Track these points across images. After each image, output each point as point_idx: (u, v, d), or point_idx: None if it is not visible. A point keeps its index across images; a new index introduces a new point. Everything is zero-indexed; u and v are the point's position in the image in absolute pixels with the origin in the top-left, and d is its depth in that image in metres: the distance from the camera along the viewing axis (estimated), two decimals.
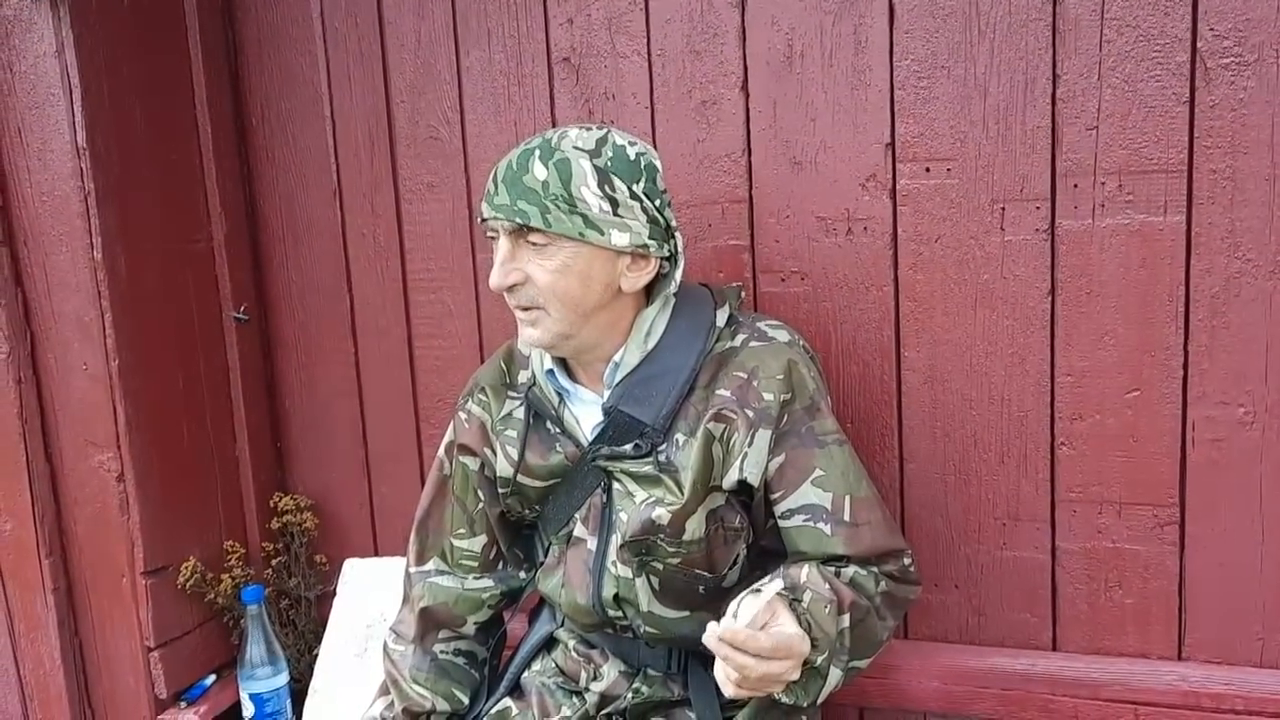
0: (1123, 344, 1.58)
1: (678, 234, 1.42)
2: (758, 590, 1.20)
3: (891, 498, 1.73)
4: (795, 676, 1.19)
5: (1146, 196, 1.53)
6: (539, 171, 1.30)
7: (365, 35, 1.97)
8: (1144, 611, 1.64)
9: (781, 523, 1.40)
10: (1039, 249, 1.60)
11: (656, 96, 1.78)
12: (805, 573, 1.30)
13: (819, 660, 1.22)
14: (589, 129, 1.37)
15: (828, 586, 1.29)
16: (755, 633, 1.14)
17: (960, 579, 1.73)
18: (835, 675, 1.27)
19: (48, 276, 1.86)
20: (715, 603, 1.37)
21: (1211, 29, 1.46)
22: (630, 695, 1.47)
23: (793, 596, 1.23)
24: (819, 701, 1.29)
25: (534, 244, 1.33)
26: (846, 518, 1.37)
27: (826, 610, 1.25)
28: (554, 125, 1.85)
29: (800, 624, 1.20)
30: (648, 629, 1.42)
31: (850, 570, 1.35)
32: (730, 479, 1.38)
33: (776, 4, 1.67)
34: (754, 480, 1.37)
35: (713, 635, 1.12)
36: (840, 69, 1.66)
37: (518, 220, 1.31)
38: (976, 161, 1.61)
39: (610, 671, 1.49)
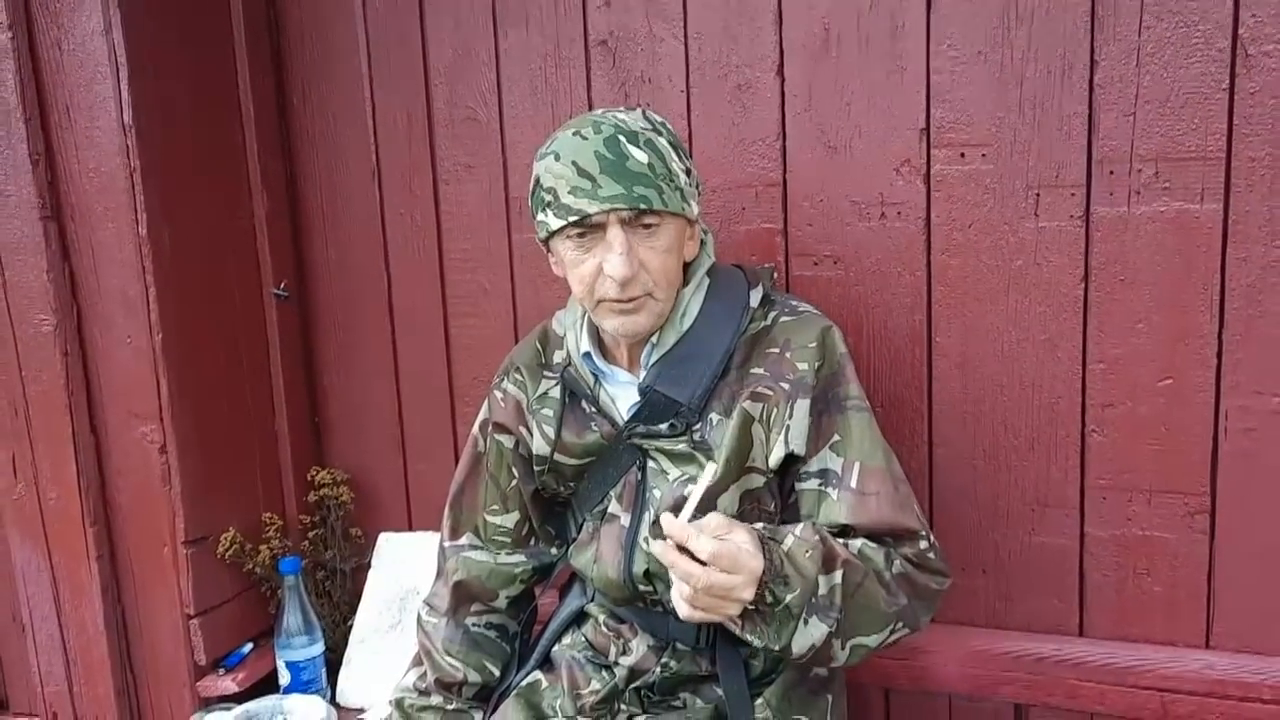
0: (1156, 332, 1.57)
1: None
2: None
3: (921, 482, 1.74)
4: (747, 596, 1.15)
5: (1183, 184, 1.52)
6: (639, 155, 1.31)
7: (405, 17, 1.99)
8: (1172, 599, 1.64)
9: (798, 486, 1.40)
10: (1073, 235, 1.59)
11: (692, 80, 1.79)
12: (799, 527, 1.28)
13: (789, 598, 1.19)
14: (626, 110, 1.39)
15: (817, 538, 1.25)
16: (697, 533, 1.14)
17: (988, 564, 1.74)
18: (818, 629, 1.23)
19: (94, 251, 1.90)
20: None
21: (1254, 15, 1.45)
22: (659, 669, 1.49)
23: (770, 536, 1.23)
24: (799, 654, 1.23)
25: (646, 226, 1.33)
26: (854, 484, 1.35)
27: (807, 554, 1.22)
28: (590, 108, 1.87)
29: (766, 554, 1.18)
30: None
31: (858, 543, 1.32)
32: (776, 456, 1.38)
33: None
34: (800, 450, 1.37)
35: (659, 546, 1.14)
36: (876, 54, 1.66)
37: (641, 205, 1.30)
38: (1012, 147, 1.60)
39: (639, 646, 1.51)
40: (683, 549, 1.15)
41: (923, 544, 1.36)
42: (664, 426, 1.40)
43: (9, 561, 2.10)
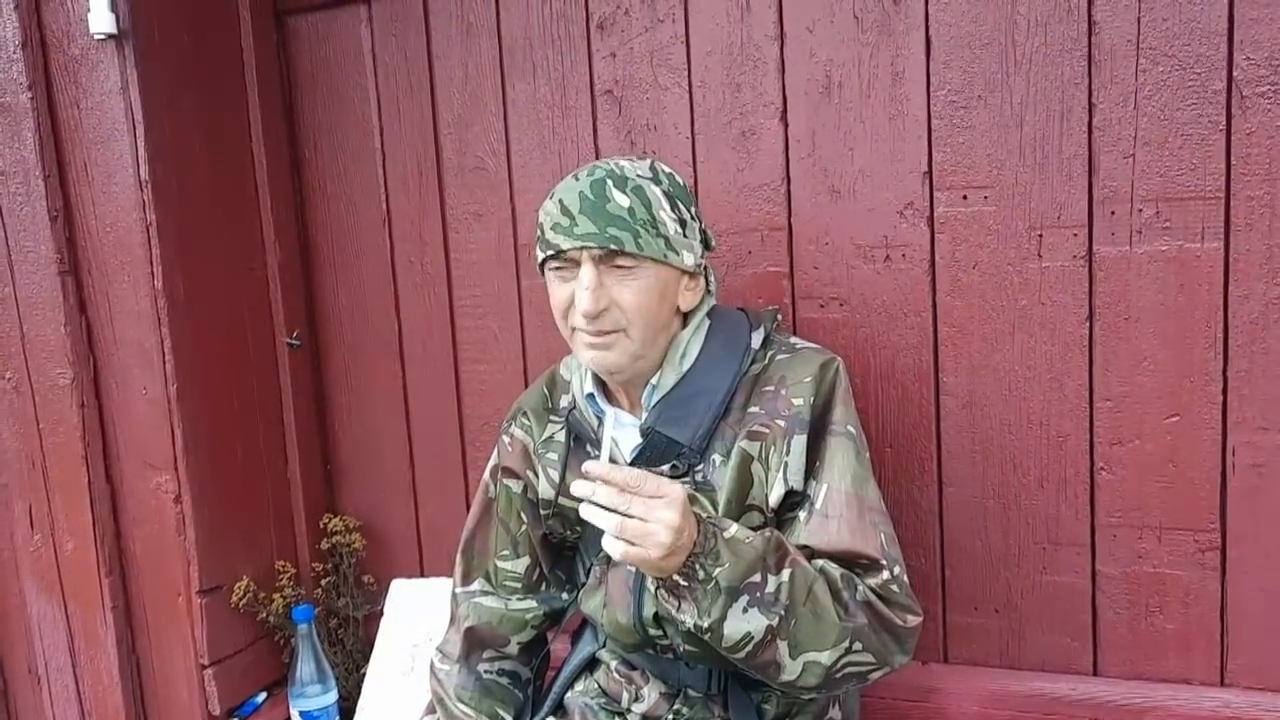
0: (1162, 369, 1.59)
1: (709, 252, 1.48)
2: None
3: (930, 521, 1.75)
4: (675, 521, 1.16)
5: (1184, 223, 1.54)
6: (621, 199, 1.35)
7: (415, 69, 2.03)
8: (1185, 636, 1.64)
9: (785, 516, 1.40)
10: (1077, 275, 1.61)
11: (697, 127, 1.82)
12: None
13: (717, 572, 1.20)
14: (632, 159, 1.42)
15: (771, 536, 1.26)
16: (619, 467, 1.18)
17: (1000, 603, 1.74)
18: (757, 621, 1.22)
19: (110, 304, 1.93)
20: None
21: (1247, 57, 1.48)
22: (671, 716, 1.48)
23: (712, 519, 1.24)
24: (732, 643, 1.23)
25: (621, 267, 1.36)
26: (818, 506, 1.35)
27: (747, 540, 1.24)
28: (597, 155, 1.90)
29: (700, 528, 1.21)
30: (688, 648, 1.44)
31: (821, 561, 1.31)
32: (776, 494, 1.38)
33: (815, 37, 1.71)
34: (799, 486, 1.38)
35: (581, 486, 1.17)
36: (878, 99, 1.69)
37: (611, 246, 1.34)
38: (1014, 189, 1.63)
39: (651, 693, 1.51)
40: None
41: (885, 575, 1.33)
42: (666, 468, 1.41)
43: (25, 614, 2.12)
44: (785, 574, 1.25)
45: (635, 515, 1.17)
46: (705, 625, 1.23)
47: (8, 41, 1.85)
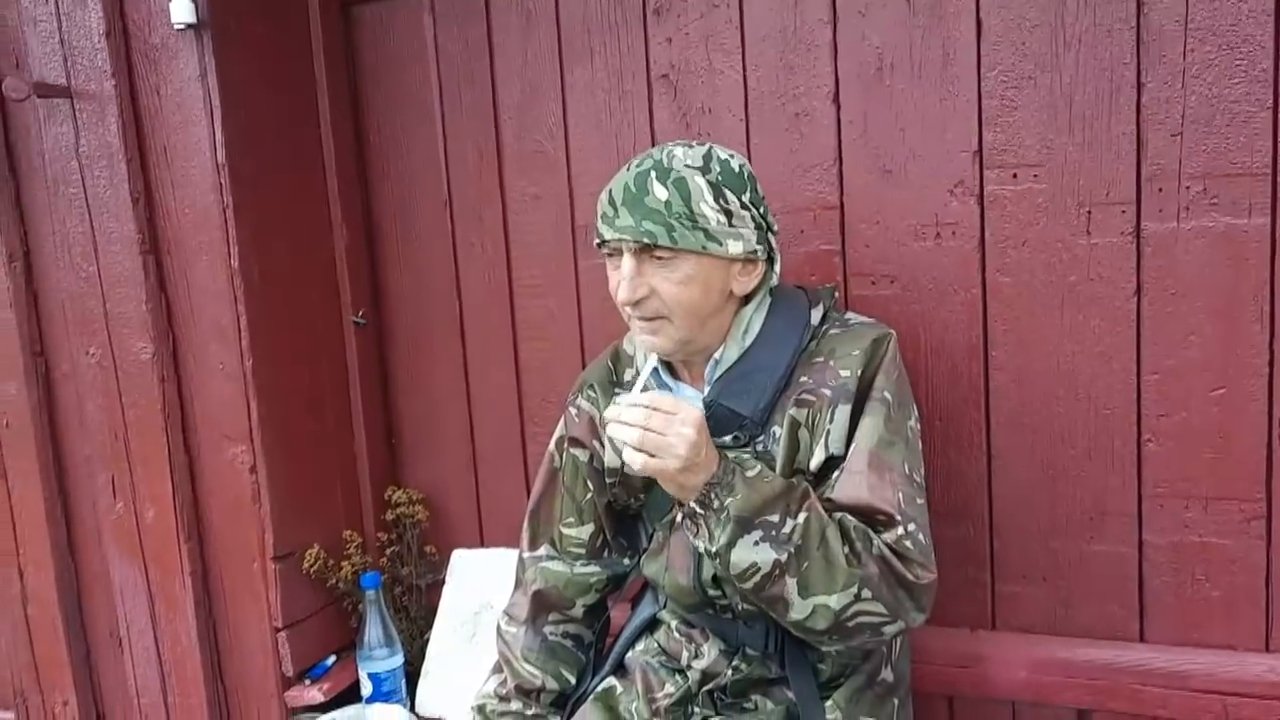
0: (1209, 343, 1.62)
1: (774, 234, 1.52)
2: None
3: (979, 492, 1.80)
4: (691, 436, 1.30)
5: (1231, 200, 1.57)
6: (659, 192, 1.40)
7: (475, 57, 2.10)
8: (1231, 604, 1.67)
9: None
10: (1125, 251, 1.65)
11: (751, 109, 1.87)
12: None
13: (729, 502, 1.32)
14: (691, 146, 1.46)
15: (798, 483, 1.39)
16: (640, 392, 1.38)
17: (1047, 572, 1.78)
18: (765, 554, 1.32)
19: (189, 283, 2.02)
20: None
21: None
22: (730, 673, 1.55)
23: (735, 460, 1.37)
24: (740, 570, 1.34)
25: (659, 259, 1.42)
26: (846, 464, 1.42)
27: (768, 480, 1.36)
28: (653, 138, 1.96)
29: (721, 459, 1.35)
30: (745, 606, 1.50)
31: (840, 514, 1.39)
32: (816, 459, 1.45)
33: (867, 20, 1.76)
34: (840, 451, 1.44)
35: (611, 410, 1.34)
36: (929, 80, 1.73)
37: (645, 240, 1.40)
38: (1063, 167, 1.67)
39: (711, 650, 1.58)
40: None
41: (899, 531, 1.38)
42: (728, 439, 1.47)
43: (107, 579, 2.22)
44: (801, 517, 1.34)
45: (654, 429, 1.29)
46: (713, 550, 1.35)
47: (92, 31, 1.94)
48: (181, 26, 1.89)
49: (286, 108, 2.08)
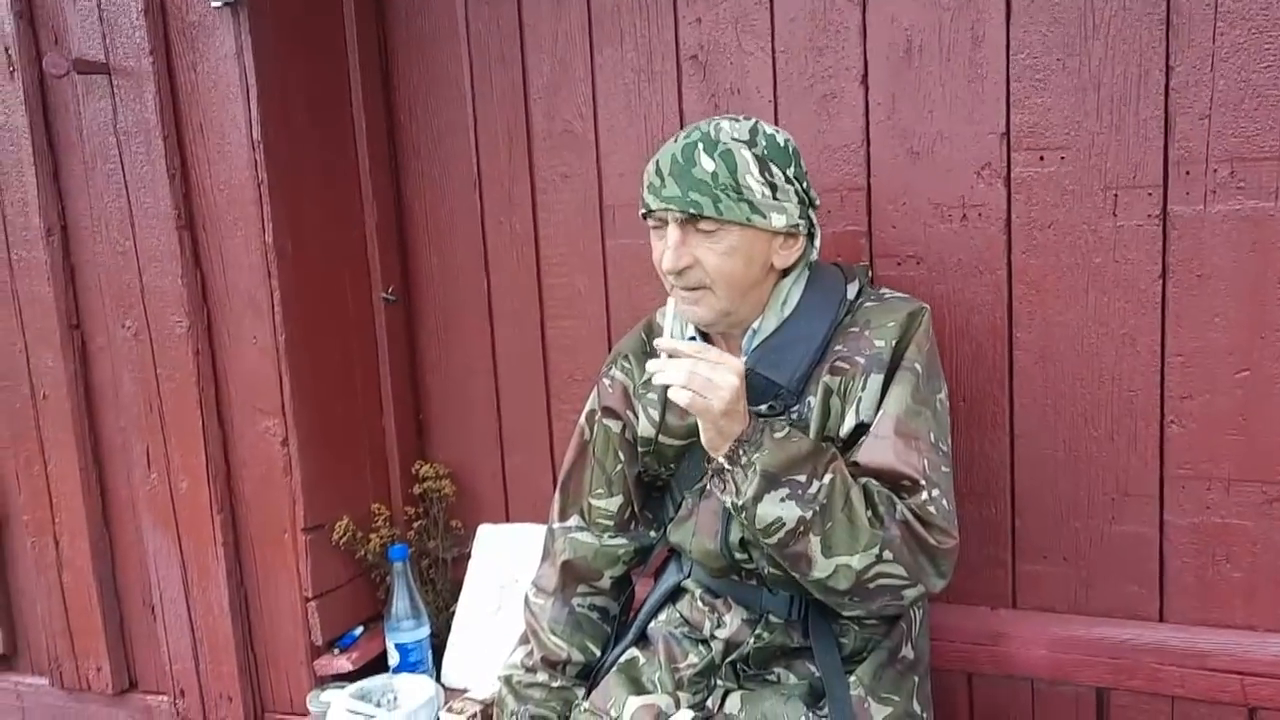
0: (1233, 326, 1.63)
1: (815, 209, 1.53)
2: None
3: (1002, 472, 1.81)
4: (736, 382, 1.34)
5: (1258, 183, 1.58)
6: (706, 163, 1.42)
7: (506, 37, 2.12)
8: (1252, 585, 1.69)
9: None
10: (1151, 234, 1.66)
11: (780, 90, 1.89)
12: None
13: (755, 457, 1.36)
14: (738, 120, 1.48)
15: (828, 447, 1.43)
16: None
17: (1069, 551, 1.80)
18: (790, 511, 1.36)
19: (223, 258, 2.06)
20: None
21: None
22: (753, 641, 1.57)
23: (767, 419, 1.41)
24: (764, 525, 1.37)
25: (704, 230, 1.44)
26: (873, 430, 1.45)
27: (796, 440, 1.40)
28: (682, 119, 1.98)
29: (750, 418, 1.39)
30: (772, 571, 1.53)
31: (865, 479, 1.42)
32: (847, 426, 1.47)
33: (896, 2, 1.77)
34: (870, 419, 1.46)
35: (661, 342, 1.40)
36: (958, 63, 1.74)
37: (690, 210, 1.42)
38: (1090, 150, 1.68)
39: (734, 620, 1.60)
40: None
41: (924, 496, 1.41)
42: (764, 408, 1.50)
43: (141, 548, 2.27)
44: (827, 479, 1.37)
45: (701, 371, 1.33)
46: (740, 504, 1.38)
47: (130, 8, 1.97)
48: (219, 4, 1.92)
49: (320, 85, 2.10)
